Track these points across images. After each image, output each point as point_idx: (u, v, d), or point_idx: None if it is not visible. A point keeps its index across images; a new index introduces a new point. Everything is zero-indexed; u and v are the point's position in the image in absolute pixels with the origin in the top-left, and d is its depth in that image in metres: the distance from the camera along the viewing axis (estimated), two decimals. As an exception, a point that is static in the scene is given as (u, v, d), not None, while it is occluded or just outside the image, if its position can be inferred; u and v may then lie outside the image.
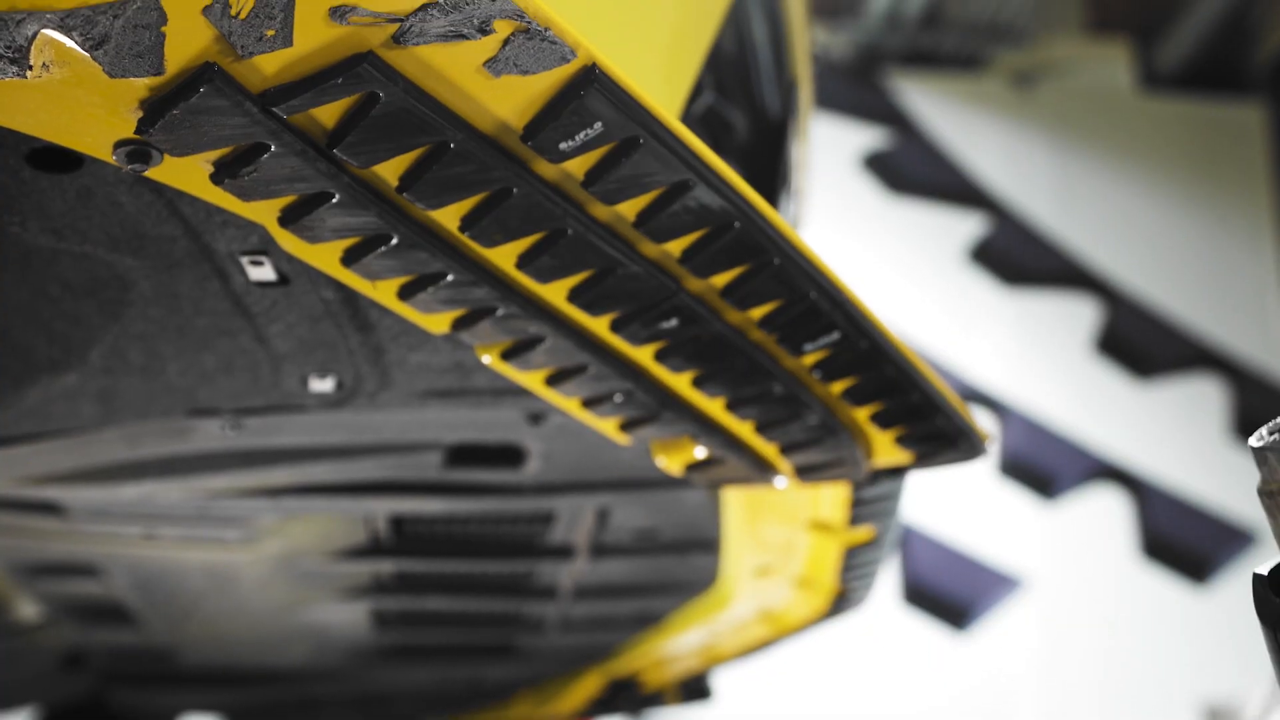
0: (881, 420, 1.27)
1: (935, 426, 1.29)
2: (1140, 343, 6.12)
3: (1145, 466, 5.91)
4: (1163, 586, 5.74)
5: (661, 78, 1.13)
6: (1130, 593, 5.72)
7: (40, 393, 1.18)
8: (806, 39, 1.72)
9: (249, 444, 1.35)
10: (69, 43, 0.67)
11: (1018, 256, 6.15)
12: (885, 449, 1.35)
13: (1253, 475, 0.94)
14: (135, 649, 2.14)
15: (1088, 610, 5.49)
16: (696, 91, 1.24)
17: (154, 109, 0.73)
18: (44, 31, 0.66)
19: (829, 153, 5.87)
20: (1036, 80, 6.41)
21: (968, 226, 6.14)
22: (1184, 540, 5.83)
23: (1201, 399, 6.09)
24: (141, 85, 0.71)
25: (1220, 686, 5.31)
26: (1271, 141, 6.47)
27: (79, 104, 0.72)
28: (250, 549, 1.70)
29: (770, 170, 1.47)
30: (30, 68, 0.68)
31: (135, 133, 0.74)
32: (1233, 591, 5.71)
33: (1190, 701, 5.29)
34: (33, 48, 0.67)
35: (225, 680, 2.34)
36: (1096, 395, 5.98)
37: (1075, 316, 6.11)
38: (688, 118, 1.20)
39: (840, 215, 5.78)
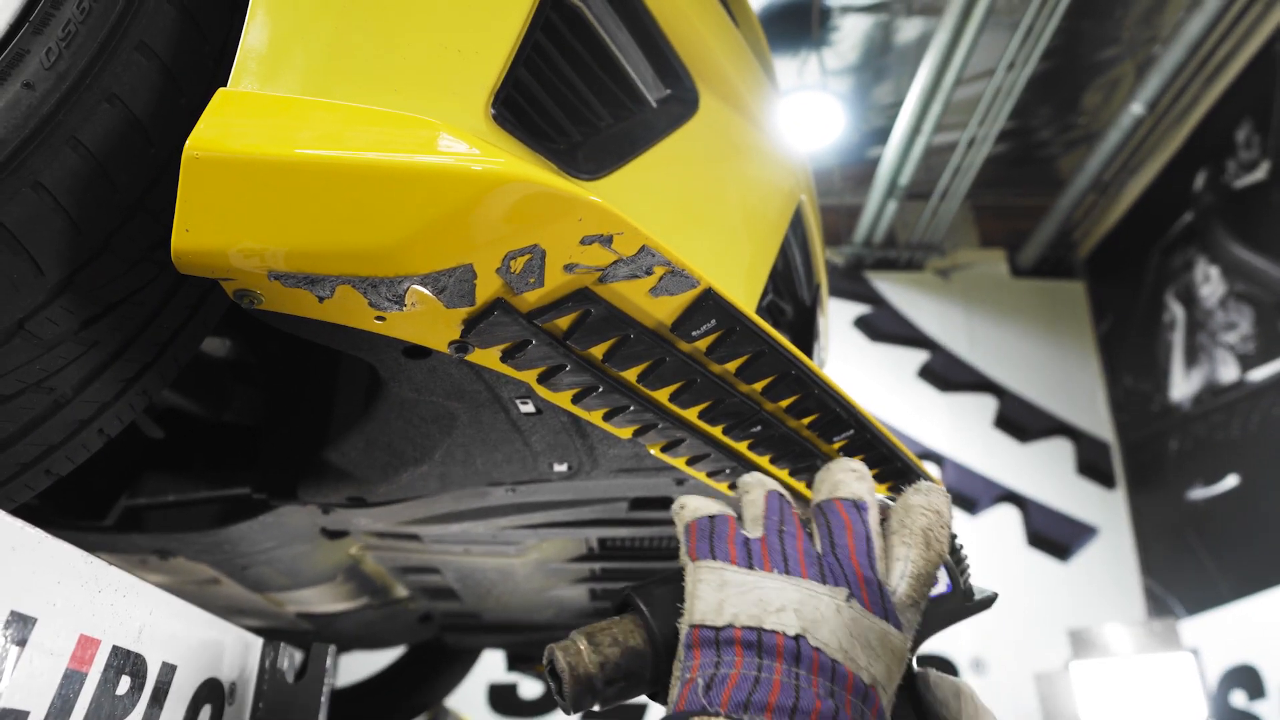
0: (878, 475, 1.21)
1: (899, 471, 1.24)
2: (1019, 420, 6.03)
3: (1029, 492, 5.77)
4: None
5: (745, 289, 1.12)
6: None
7: (407, 476, 1.19)
8: (823, 255, 1.70)
9: (520, 500, 1.34)
10: (425, 290, 0.68)
11: (946, 373, 6.12)
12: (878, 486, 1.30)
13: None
14: (458, 612, 2.14)
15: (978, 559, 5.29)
16: (765, 294, 1.22)
17: (469, 323, 0.73)
18: (412, 286, 0.67)
19: (836, 319, 5.90)
20: (951, 273, 6.39)
21: (917, 357, 6.12)
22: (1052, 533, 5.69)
23: (1058, 451, 5.94)
24: (463, 311, 0.72)
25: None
26: (1090, 300, 6.34)
27: (430, 323, 0.73)
28: (521, 557, 1.69)
29: (807, 335, 1.44)
30: (405, 305, 0.69)
31: (459, 336, 0.75)
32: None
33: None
34: (406, 295, 0.68)
35: (507, 630, 2.32)
36: (998, 450, 5.88)
37: (981, 406, 6.02)
38: (761, 310, 1.18)
39: (843, 354, 5.80)
